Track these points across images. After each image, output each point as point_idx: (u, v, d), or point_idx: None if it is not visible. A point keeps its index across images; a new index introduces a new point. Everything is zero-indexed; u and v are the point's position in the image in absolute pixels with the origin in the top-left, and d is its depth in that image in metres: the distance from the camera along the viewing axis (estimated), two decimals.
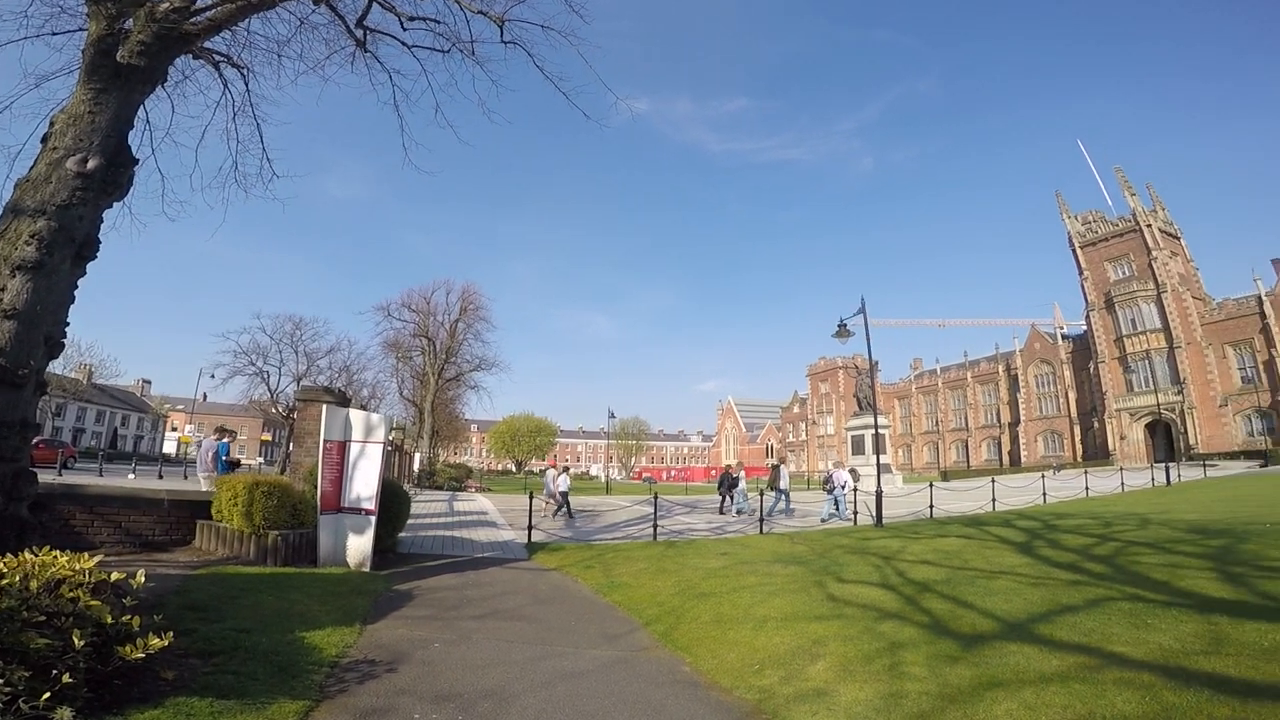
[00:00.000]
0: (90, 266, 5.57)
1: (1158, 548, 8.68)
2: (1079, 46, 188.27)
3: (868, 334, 17.08)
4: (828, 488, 17.74)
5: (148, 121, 7.17)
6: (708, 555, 10.25)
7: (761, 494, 16.11)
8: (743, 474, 21.07)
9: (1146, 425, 58.78)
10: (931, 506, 17.10)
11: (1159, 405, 55.24)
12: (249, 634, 4.86)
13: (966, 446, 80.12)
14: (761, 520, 14.41)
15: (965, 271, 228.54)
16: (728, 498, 20.25)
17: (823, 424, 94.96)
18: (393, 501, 9.97)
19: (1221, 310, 57.37)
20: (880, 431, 35.10)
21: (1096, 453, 61.76)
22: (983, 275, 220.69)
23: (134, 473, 26.17)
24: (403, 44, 7.59)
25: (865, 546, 10.53)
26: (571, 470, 24.33)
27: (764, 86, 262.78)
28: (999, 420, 76.53)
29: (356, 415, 9.26)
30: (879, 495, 15.19)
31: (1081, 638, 4.64)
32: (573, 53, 7.17)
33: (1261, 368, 53.30)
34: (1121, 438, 59.22)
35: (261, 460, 71.50)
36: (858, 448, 35.92)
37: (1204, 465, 40.01)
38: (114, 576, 3.76)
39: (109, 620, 3.33)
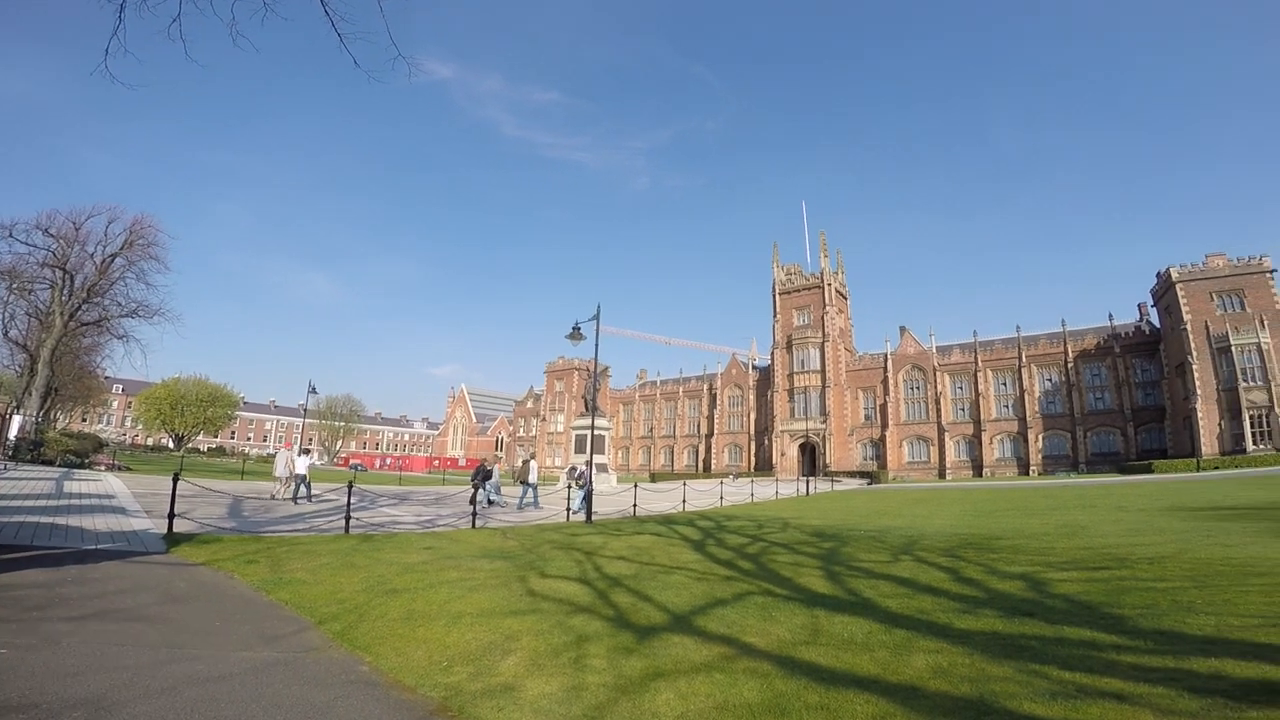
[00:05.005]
0: None
1: (789, 549, 10.72)
2: (822, 125, 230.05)
3: (597, 340, 17.93)
4: (580, 483, 18.35)
5: None
6: (409, 550, 9.76)
7: (479, 490, 16.01)
8: (497, 467, 20.85)
9: (800, 445, 73.36)
10: (635, 505, 18.71)
11: (809, 430, 70.16)
12: None
13: (673, 452, 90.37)
14: (475, 514, 14.13)
15: (695, 297, 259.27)
16: (480, 489, 19.90)
17: (554, 421, 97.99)
18: None
19: (860, 362, 74.93)
20: (600, 433, 37.48)
21: (765, 464, 75.17)
22: (709, 303, 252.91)
23: None
24: None
25: (572, 542, 11.05)
26: (277, 451, 21.17)
27: (581, 86, 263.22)
28: (699, 431, 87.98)
29: None
30: (589, 493, 16.11)
31: (726, 629, 5.38)
32: None
33: (878, 409, 71.13)
34: (782, 454, 73.06)
35: None
36: (580, 446, 37.77)
37: (832, 480, 51.41)
38: None
39: None
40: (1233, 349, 48.00)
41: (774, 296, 78.80)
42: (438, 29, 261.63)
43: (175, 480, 10.90)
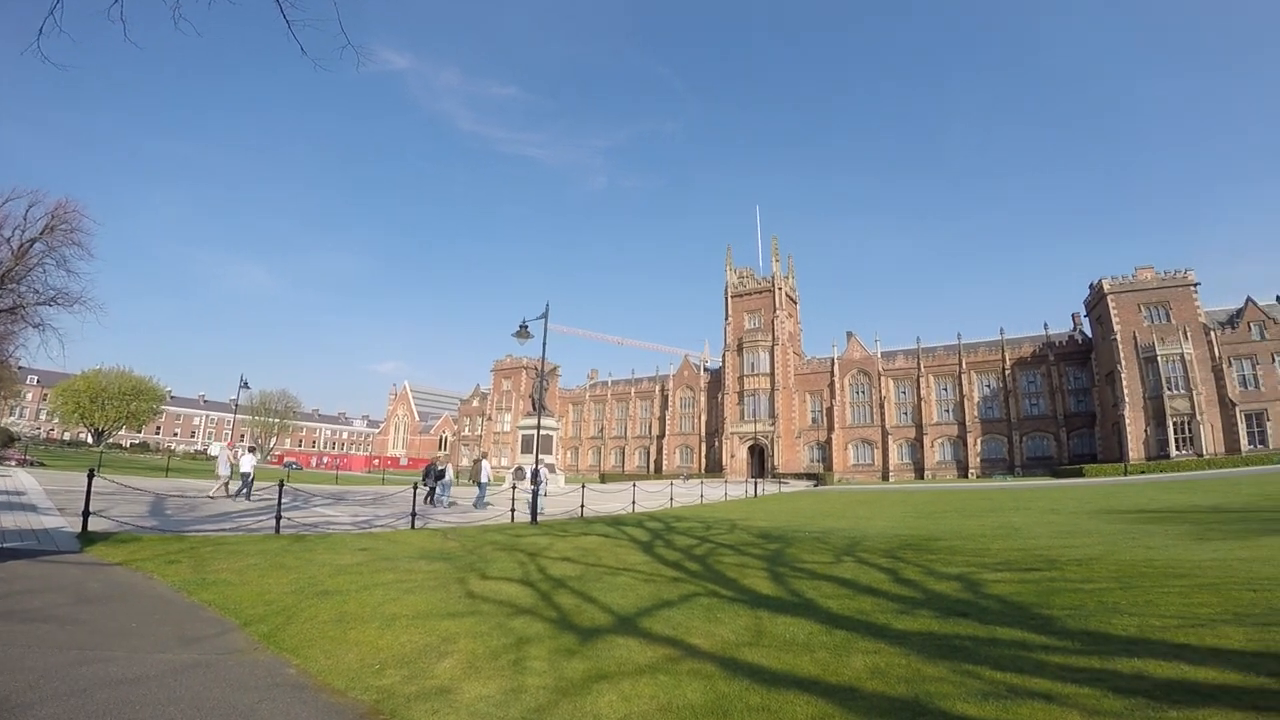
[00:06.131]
0: None
1: (736, 550, 10.78)
2: (778, 133, 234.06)
3: (545, 338, 17.54)
4: (535, 482, 18.11)
5: None
6: (343, 550, 9.43)
7: (416, 487, 15.55)
8: (450, 466, 20.36)
9: (750, 447, 74.55)
10: (583, 506, 18.52)
11: (757, 432, 71.44)
12: None
13: (624, 453, 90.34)
14: (414, 515, 13.70)
15: (649, 298, 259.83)
16: (435, 489, 19.57)
17: (500, 420, 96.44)
18: None
19: (809, 366, 76.71)
20: (547, 433, 37.09)
21: (715, 466, 75.99)
22: (662, 304, 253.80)
23: None
24: None
25: (516, 543, 10.86)
26: (216, 448, 20.59)
27: (541, 82, 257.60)
28: (650, 432, 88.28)
29: None
30: (534, 493, 15.84)
31: (671, 631, 5.34)
32: None
33: (825, 412, 72.94)
34: (732, 456, 74.04)
35: None
36: (527, 446, 37.30)
37: (780, 482, 52.36)
38: None
39: None
40: (1158, 359, 51.15)
41: (726, 299, 79.78)
42: (395, 18, 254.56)
43: (91, 476, 10.25)
